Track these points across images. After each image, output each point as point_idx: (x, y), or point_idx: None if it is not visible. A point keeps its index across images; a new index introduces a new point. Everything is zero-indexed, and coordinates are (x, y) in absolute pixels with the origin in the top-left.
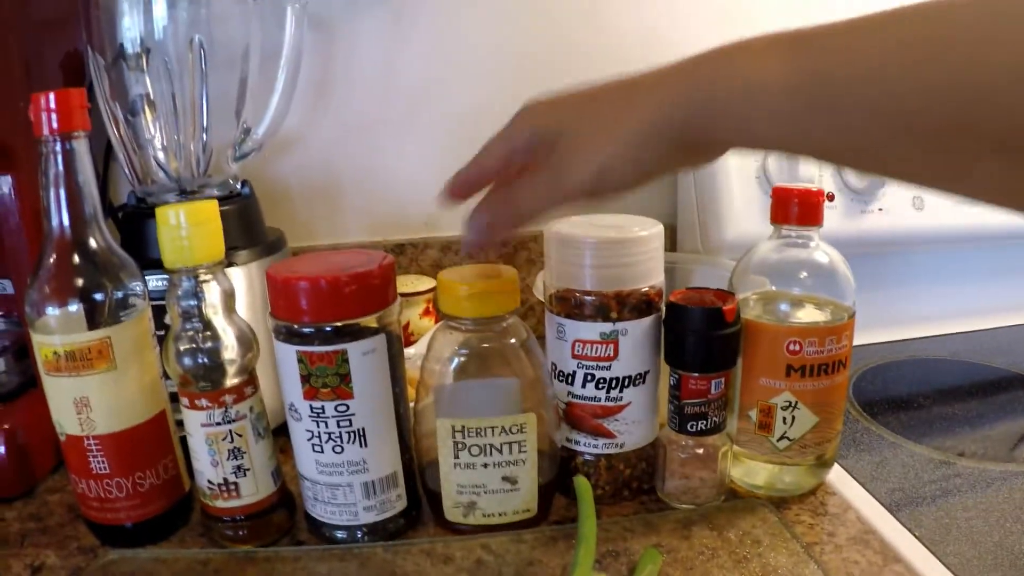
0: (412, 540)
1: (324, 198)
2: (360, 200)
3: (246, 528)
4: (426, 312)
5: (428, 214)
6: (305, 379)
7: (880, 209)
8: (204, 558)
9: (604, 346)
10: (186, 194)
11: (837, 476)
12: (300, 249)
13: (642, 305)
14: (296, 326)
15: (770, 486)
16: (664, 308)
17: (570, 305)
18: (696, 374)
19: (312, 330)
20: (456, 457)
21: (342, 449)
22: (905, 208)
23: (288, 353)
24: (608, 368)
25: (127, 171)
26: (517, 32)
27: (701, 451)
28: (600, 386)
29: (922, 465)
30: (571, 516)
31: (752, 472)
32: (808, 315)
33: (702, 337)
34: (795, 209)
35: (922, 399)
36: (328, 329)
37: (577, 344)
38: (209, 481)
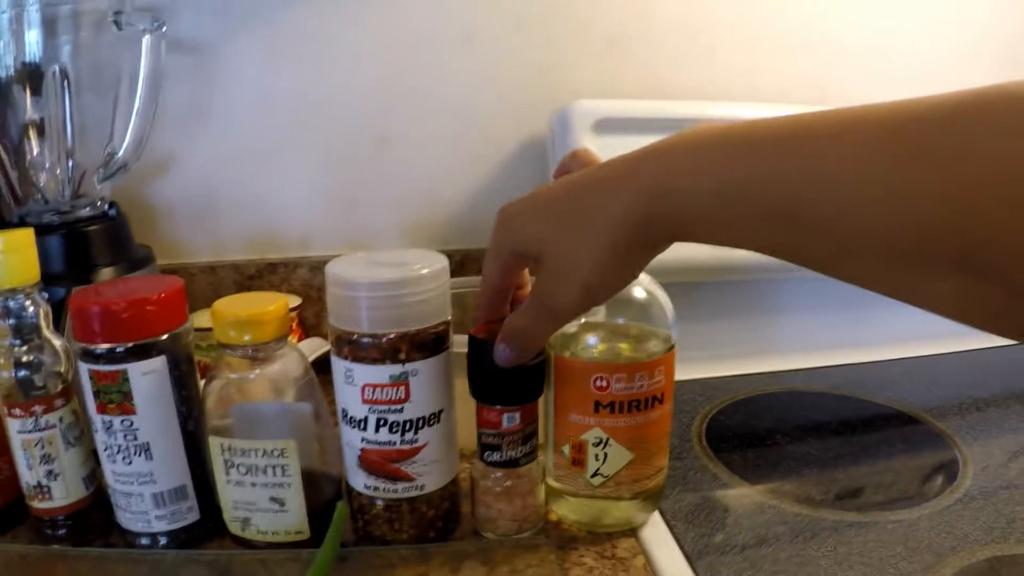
0: (203, 551)
1: (202, 217)
2: (237, 219)
3: (64, 528)
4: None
5: (300, 235)
6: (96, 395)
7: None
8: (24, 553)
9: (395, 389)
10: (61, 214)
11: (652, 522)
12: (178, 267)
13: (431, 343)
14: (89, 346)
15: (595, 522)
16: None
17: (356, 348)
18: (487, 406)
19: (104, 350)
20: (227, 474)
21: (131, 461)
22: None
23: (83, 370)
24: (401, 411)
25: (5, 192)
26: (392, 57)
27: (509, 483)
28: (394, 430)
29: (747, 510)
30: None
31: (575, 507)
32: (618, 350)
33: (488, 371)
34: None
35: (779, 436)
36: (117, 350)
37: (367, 389)
38: (27, 483)
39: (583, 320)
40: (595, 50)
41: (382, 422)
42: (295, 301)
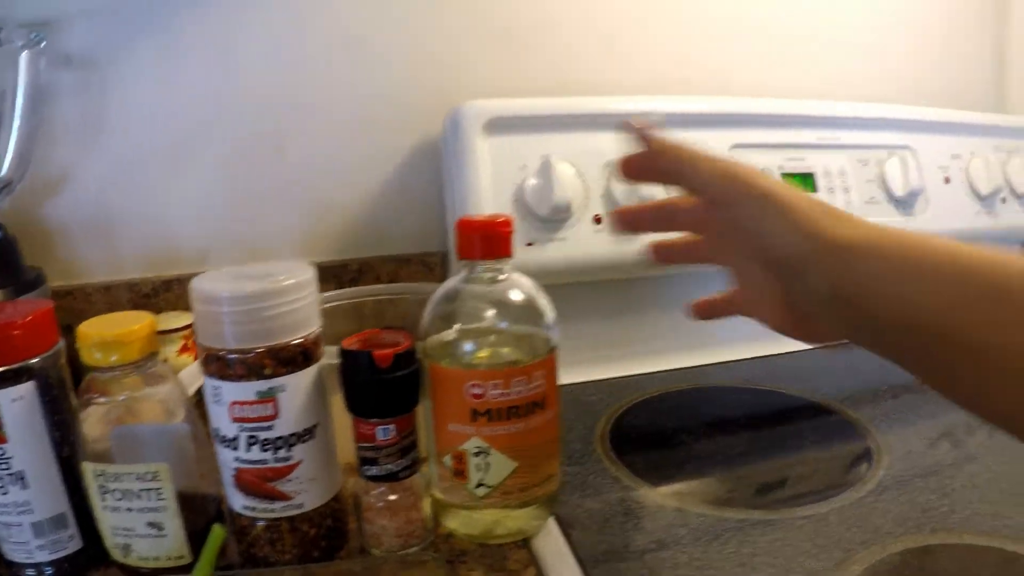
0: None
1: (97, 235)
2: (133, 236)
3: None
4: (184, 349)
5: (198, 249)
6: None
7: None
8: None
9: (263, 405)
10: None
11: (546, 530)
12: (74, 288)
13: (298, 357)
14: None
15: (486, 534)
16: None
17: (222, 365)
18: (361, 418)
19: None
20: (103, 500)
21: (7, 491)
22: None
23: None
24: (271, 428)
25: None
26: (284, 65)
27: (392, 497)
28: (266, 448)
29: (648, 513)
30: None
31: (464, 521)
32: (495, 356)
33: (356, 383)
34: (479, 242)
35: (685, 435)
36: None
37: (235, 406)
38: None
39: (458, 326)
40: (489, 47)
41: (253, 440)
42: (189, 319)
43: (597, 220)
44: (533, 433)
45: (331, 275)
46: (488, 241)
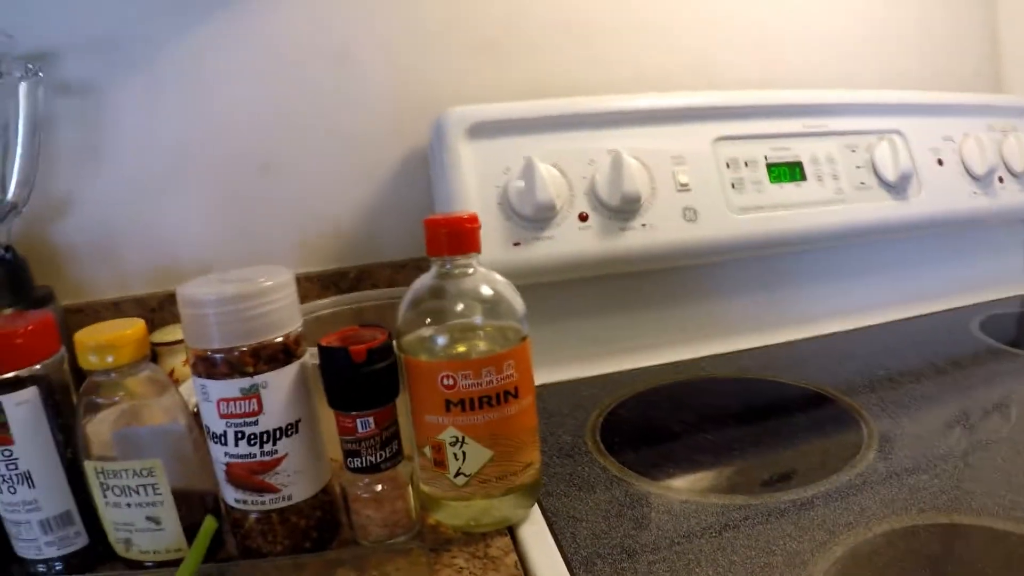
0: (98, 574)
1: (104, 255)
2: (137, 254)
3: None
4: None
5: (200, 264)
6: None
7: (644, 225)
8: None
9: (247, 401)
10: None
11: (531, 520)
12: (84, 305)
13: (280, 355)
14: None
15: (471, 524)
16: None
17: (208, 365)
18: (341, 412)
19: None
20: (105, 496)
21: (15, 490)
22: (675, 221)
23: None
24: (256, 423)
25: None
26: (270, 83)
27: (377, 489)
28: (252, 442)
29: (633, 503)
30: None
31: (450, 512)
32: (468, 348)
33: (334, 376)
34: (446, 239)
35: (677, 427)
36: None
37: (222, 403)
38: None
39: (430, 321)
40: (472, 57)
41: (240, 435)
42: None
43: (582, 218)
44: (507, 421)
45: (329, 283)
46: (455, 237)
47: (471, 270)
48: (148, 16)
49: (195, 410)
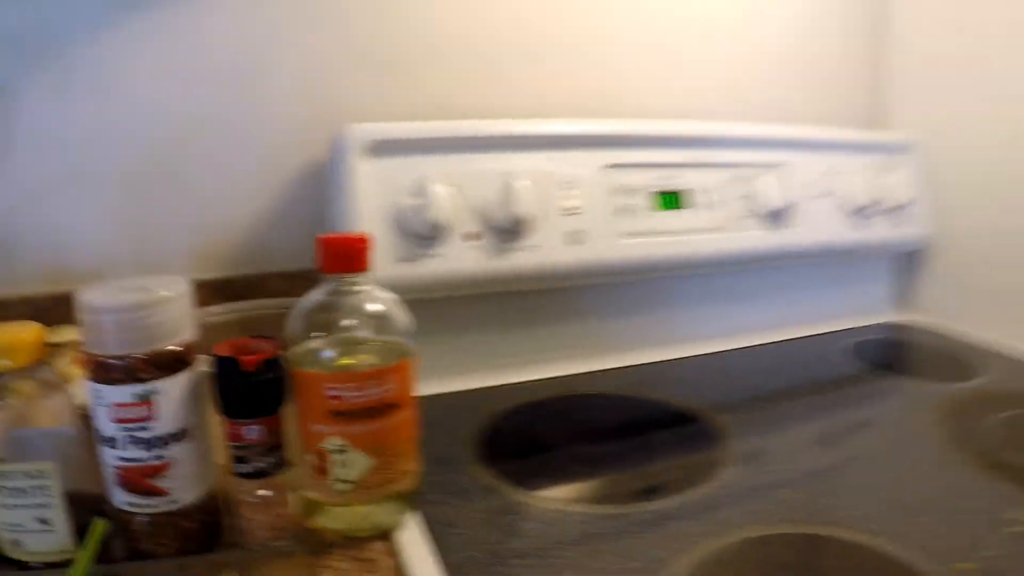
0: None
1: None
2: (31, 254)
3: None
4: (77, 360)
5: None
6: None
7: (533, 246)
8: None
9: (140, 407)
10: None
11: (410, 526)
12: None
13: (173, 363)
14: None
15: (351, 528)
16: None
17: (104, 370)
18: (230, 419)
19: None
20: None
21: None
22: (562, 243)
23: None
24: (147, 428)
25: None
26: (178, 91)
27: (262, 494)
28: (143, 446)
29: (507, 513)
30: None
31: (331, 517)
32: (354, 361)
33: (226, 385)
34: (337, 258)
35: (553, 440)
36: None
37: (114, 408)
38: None
39: (317, 335)
40: (376, 74)
41: (131, 439)
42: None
43: (474, 237)
44: (389, 432)
45: (220, 291)
46: (346, 257)
47: (360, 287)
48: (61, 16)
49: (85, 412)
